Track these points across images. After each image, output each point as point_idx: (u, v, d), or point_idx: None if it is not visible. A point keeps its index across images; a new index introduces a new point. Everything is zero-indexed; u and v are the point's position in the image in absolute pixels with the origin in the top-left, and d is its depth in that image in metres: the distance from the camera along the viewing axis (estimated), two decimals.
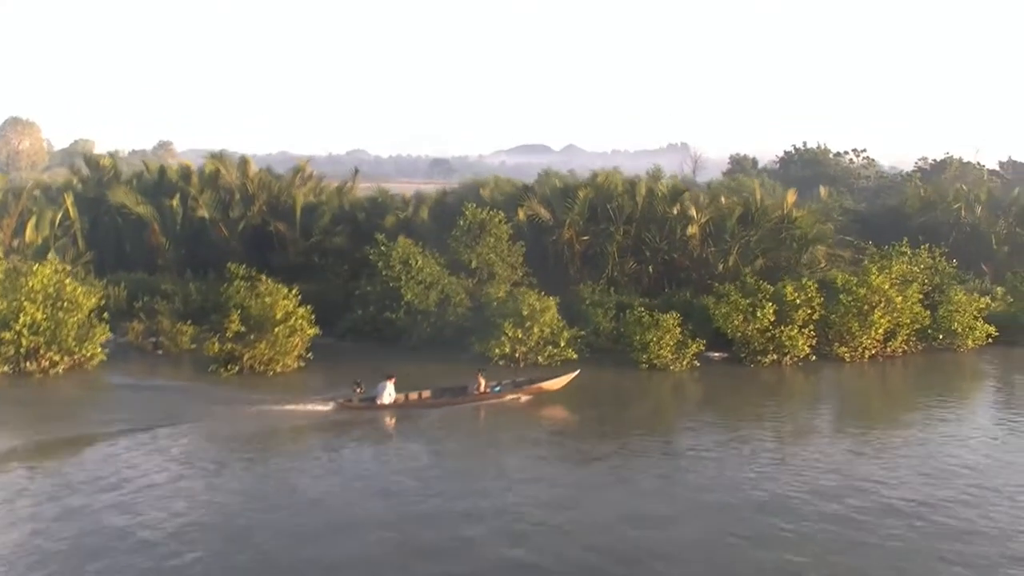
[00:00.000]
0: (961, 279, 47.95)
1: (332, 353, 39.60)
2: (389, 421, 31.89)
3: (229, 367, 36.41)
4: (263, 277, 38.52)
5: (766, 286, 40.80)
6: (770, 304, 39.38)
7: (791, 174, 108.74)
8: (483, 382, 33.53)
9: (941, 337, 42.78)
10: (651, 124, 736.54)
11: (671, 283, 49.76)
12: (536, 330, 38.43)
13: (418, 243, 44.27)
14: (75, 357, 36.19)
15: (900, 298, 41.17)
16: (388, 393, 32.64)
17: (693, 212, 49.88)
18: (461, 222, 44.98)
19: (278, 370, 36.80)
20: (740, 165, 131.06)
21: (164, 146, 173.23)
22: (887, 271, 42.31)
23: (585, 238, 49.04)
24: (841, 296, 40.65)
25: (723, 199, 53.27)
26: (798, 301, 39.77)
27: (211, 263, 47.97)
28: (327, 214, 50.13)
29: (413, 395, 33.24)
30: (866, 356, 40.94)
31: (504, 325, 38.06)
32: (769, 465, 26.70)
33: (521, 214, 48.47)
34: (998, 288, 48.82)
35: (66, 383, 35.45)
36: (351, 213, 51.14)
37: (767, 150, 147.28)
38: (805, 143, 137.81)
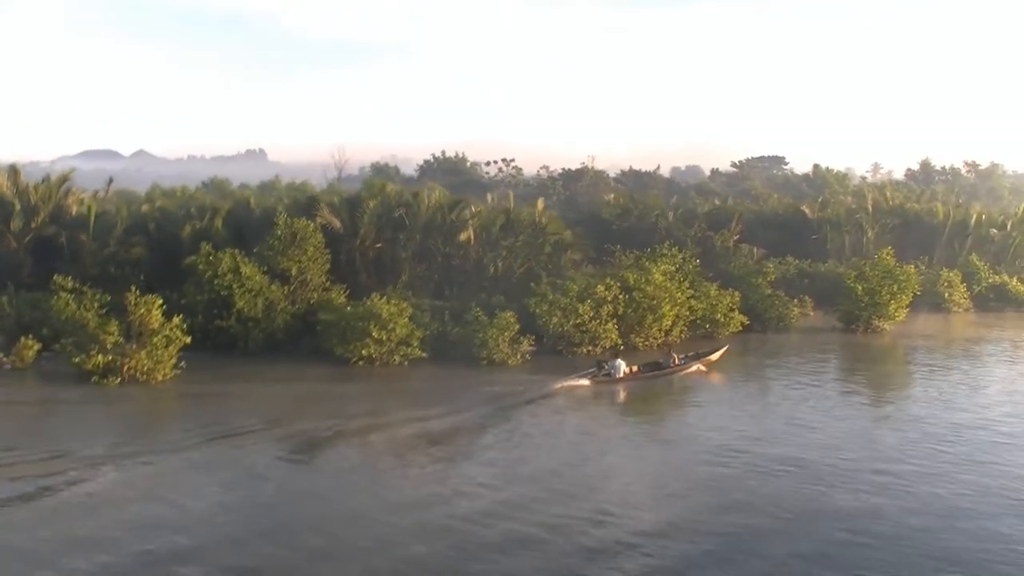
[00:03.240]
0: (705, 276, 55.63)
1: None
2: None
3: (110, 378, 36.17)
4: (132, 288, 38.36)
5: (573, 285, 46.22)
6: (589, 302, 44.80)
7: (435, 181, 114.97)
8: (676, 357, 41.66)
9: (707, 327, 50.18)
10: (226, 129, 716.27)
11: (451, 286, 54.04)
12: (397, 332, 41.24)
13: (218, 251, 45.29)
14: None
15: (679, 293, 48.05)
16: (622, 369, 39.66)
17: (469, 219, 54.46)
18: (278, 231, 46.48)
19: (159, 379, 36.99)
20: (384, 172, 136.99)
21: None
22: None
23: (378, 245, 52.10)
24: (635, 293, 46.73)
25: (473, 207, 58.32)
26: (608, 298, 45.49)
27: None
28: (119, 224, 49.35)
29: (627, 370, 40.04)
30: (654, 344, 47.32)
31: (371, 328, 40.51)
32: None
33: (316, 222, 50.55)
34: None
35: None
36: (143, 223, 50.59)
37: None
38: (444, 152, 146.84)
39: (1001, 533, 21.77)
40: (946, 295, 62.04)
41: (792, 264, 65.63)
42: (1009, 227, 75.16)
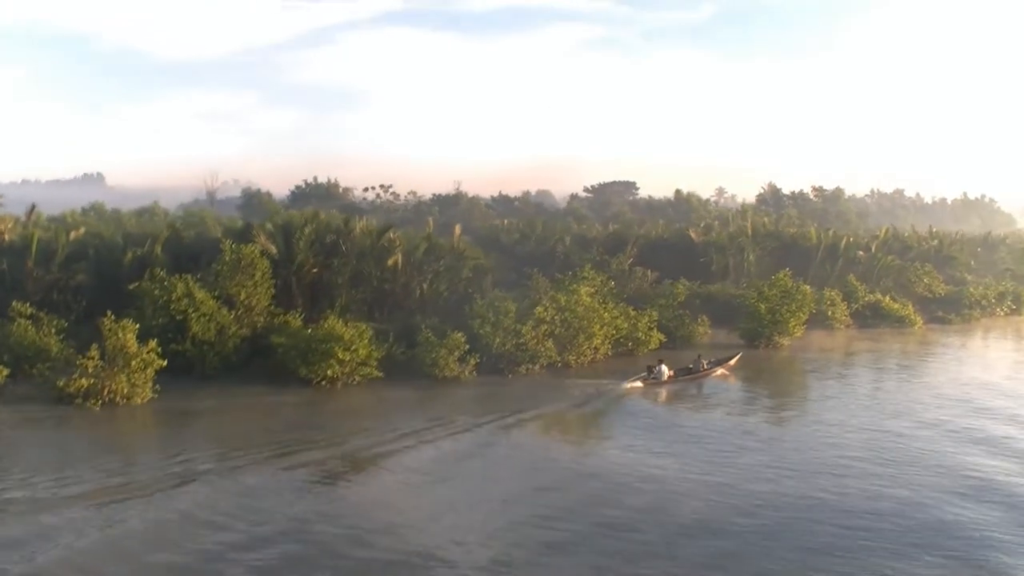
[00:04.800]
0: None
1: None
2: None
3: (92, 401, 37.09)
4: (108, 313, 39.30)
5: (508, 307, 48.94)
6: (530, 323, 47.65)
7: (308, 207, 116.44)
8: (704, 363, 48.36)
9: (630, 344, 53.60)
10: (60, 152, 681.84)
11: (382, 310, 56.11)
12: (359, 352, 43.21)
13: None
14: None
15: (606, 313, 51.38)
16: (666, 373, 45.67)
17: (397, 245, 56.82)
18: (227, 258, 47.76)
19: (139, 402, 38.09)
20: (256, 198, 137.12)
21: None
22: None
23: (315, 270, 53.84)
24: (567, 314, 49.79)
25: (392, 233, 60.64)
26: (547, 318, 48.43)
27: None
28: (60, 251, 49.77)
29: (669, 373, 46.00)
30: (586, 361, 50.44)
31: (336, 350, 42.37)
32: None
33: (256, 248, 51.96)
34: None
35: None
36: (83, 250, 51.07)
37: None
38: (316, 178, 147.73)
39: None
40: (830, 312, 67.27)
41: (687, 285, 69.80)
42: (874, 249, 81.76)
